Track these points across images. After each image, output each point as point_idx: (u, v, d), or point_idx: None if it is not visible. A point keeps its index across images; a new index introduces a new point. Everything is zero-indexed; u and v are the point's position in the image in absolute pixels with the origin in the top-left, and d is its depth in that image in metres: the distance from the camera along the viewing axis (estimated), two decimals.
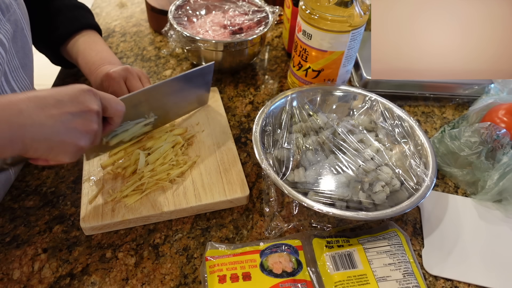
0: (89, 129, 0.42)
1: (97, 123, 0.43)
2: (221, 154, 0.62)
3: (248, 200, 0.58)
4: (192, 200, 0.55)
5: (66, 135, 0.40)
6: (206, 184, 0.57)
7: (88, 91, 0.42)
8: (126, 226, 0.53)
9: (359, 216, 0.48)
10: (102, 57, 0.64)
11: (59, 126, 0.40)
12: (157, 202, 0.54)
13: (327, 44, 0.64)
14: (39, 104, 0.39)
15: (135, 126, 0.57)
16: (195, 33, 0.75)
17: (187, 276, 0.50)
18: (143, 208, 0.53)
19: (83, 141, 0.42)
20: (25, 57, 0.56)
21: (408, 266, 0.49)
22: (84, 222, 0.51)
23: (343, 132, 0.60)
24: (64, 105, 0.40)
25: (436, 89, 0.78)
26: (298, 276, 0.48)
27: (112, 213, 0.52)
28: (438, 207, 0.60)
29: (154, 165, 0.58)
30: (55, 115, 0.39)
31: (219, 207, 0.56)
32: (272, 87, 0.80)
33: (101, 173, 0.58)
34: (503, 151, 0.58)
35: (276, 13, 0.81)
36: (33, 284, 0.48)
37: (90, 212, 0.52)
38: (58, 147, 0.41)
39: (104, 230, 0.53)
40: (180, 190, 0.56)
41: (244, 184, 0.57)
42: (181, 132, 0.64)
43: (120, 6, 1.03)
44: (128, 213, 0.53)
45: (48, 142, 0.40)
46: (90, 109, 0.42)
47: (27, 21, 0.57)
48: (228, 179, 0.58)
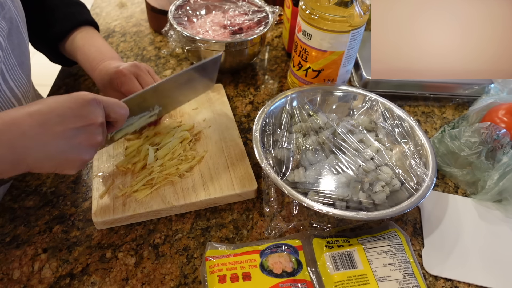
0: (94, 142, 0.41)
1: (101, 134, 0.42)
2: (228, 149, 0.63)
3: (256, 194, 0.59)
4: (201, 194, 0.56)
5: (70, 152, 0.39)
6: (215, 178, 0.58)
7: (91, 102, 0.40)
8: (136, 220, 0.54)
9: (359, 216, 0.48)
10: (102, 52, 0.63)
11: (63, 144, 0.38)
12: (167, 196, 0.55)
13: (327, 44, 0.64)
14: (41, 122, 0.37)
15: (139, 120, 0.56)
16: (195, 33, 0.75)
17: (187, 276, 0.50)
18: (153, 202, 0.54)
19: (88, 155, 0.41)
20: (22, 55, 0.56)
21: (408, 266, 0.49)
22: (96, 216, 0.52)
23: (343, 132, 0.60)
24: (67, 121, 0.39)
25: (436, 89, 0.78)
26: (298, 276, 0.48)
27: (123, 207, 0.53)
28: (438, 207, 0.60)
29: (163, 160, 0.59)
30: (58, 133, 0.38)
31: (228, 200, 0.57)
32: (272, 87, 0.80)
33: (110, 168, 0.59)
34: (503, 151, 0.58)
35: (276, 13, 0.81)
36: (33, 284, 0.48)
37: (101, 207, 0.53)
38: (63, 164, 0.40)
39: (115, 224, 0.54)
40: (189, 184, 0.57)
41: (252, 178, 0.59)
42: (188, 128, 0.66)
43: (120, 6, 1.03)
44: (139, 207, 0.54)
45: (53, 161, 0.39)
46: (94, 122, 0.40)
47: (23, 19, 0.56)
48: (236, 173, 0.59)
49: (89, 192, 0.58)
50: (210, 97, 0.73)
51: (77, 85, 0.76)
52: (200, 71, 0.61)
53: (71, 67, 0.77)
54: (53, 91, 0.75)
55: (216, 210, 0.57)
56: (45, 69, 1.07)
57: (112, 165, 0.59)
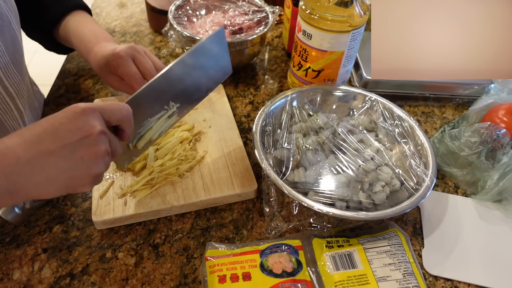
0: (97, 153, 0.37)
1: (104, 143, 0.38)
2: (228, 149, 0.63)
3: (256, 194, 0.59)
4: (201, 194, 0.56)
5: (74, 170, 0.36)
6: (215, 178, 0.58)
7: (83, 112, 0.37)
8: (136, 220, 0.54)
9: (359, 216, 0.48)
10: (97, 34, 0.62)
11: (63, 162, 0.35)
12: (167, 196, 0.55)
13: (327, 44, 0.64)
14: (35, 144, 0.35)
15: (158, 122, 0.52)
16: (195, 33, 0.75)
17: (187, 276, 0.50)
18: (153, 202, 0.54)
19: (97, 168, 0.38)
20: (16, 53, 0.55)
21: (408, 266, 0.49)
22: (96, 216, 0.52)
23: (343, 132, 0.60)
24: (61, 137, 0.35)
25: (436, 89, 0.78)
26: (298, 276, 0.48)
27: (123, 207, 0.53)
28: (438, 207, 0.60)
29: (163, 160, 0.59)
30: (54, 152, 0.35)
31: (228, 200, 0.57)
32: (272, 87, 0.80)
33: (110, 168, 0.58)
34: (503, 151, 0.58)
35: (276, 13, 0.81)
36: (33, 284, 0.48)
37: (101, 207, 0.53)
38: (72, 183, 0.37)
39: (115, 224, 0.53)
40: (189, 184, 0.57)
41: (252, 178, 0.59)
42: (188, 128, 0.66)
43: (120, 6, 1.03)
44: (139, 207, 0.54)
45: (57, 182, 0.36)
46: (90, 132, 0.37)
47: (15, 15, 0.56)
48: (236, 173, 0.59)
49: (89, 192, 0.58)
50: (210, 97, 0.73)
51: (77, 85, 0.76)
52: (207, 50, 0.56)
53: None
54: (53, 91, 0.75)
55: (216, 210, 0.57)
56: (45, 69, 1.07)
57: (112, 165, 0.59)
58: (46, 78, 0.99)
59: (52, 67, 0.78)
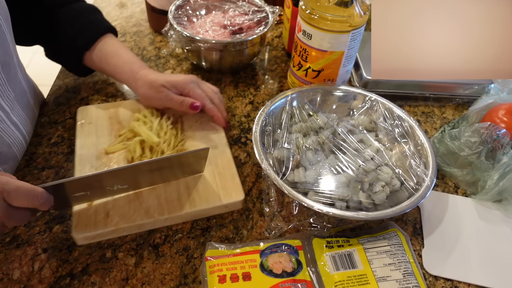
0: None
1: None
2: (215, 158, 0.61)
3: (243, 204, 0.57)
4: (186, 206, 0.54)
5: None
6: (201, 189, 0.56)
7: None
8: (119, 235, 0.52)
9: (359, 216, 0.48)
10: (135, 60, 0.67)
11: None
12: (150, 209, 0.53)
13: (327, 44, 0.64)
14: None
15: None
16: (195, 33, 0.75)
17: (187, 276, 0.50)
18: (137, 215, 0.52)
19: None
20: (5, 55, 0.55)
21: (408, 266, 0.49)
22: (77, 231, 0.50)
23: (343, 132, 0.60)
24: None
25: (436, 89, 0.78)
26: (298, 276, 0.48)
27: (105, 220, 0.51)
28: (438, 207, 0.60)
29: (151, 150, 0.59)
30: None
31: (215, 212, 0.56)
32: (272, 87, 0.80)
33: None
34: (503, 151, 0.58)
35: (276, 13, 0.81)
36: (33, 284, 0.48)
37: (83, 221, 0.51)
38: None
39: (96, 239, 0.52)
40: (173, 196, 0.55)
41: (239, 188, 0.56)
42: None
43: (120, 6, 1.03)
44: (122, 221, 0.52)
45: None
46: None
47: (5, 18, 0.55)
48: (223, 183, 0.57)
49: None
50: None
51: (77, 85, 0.76)
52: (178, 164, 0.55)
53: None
54: (53, 91, 0.75)
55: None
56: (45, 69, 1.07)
57: None
58: (46, 78, 0.99)
59: (52, 67, 0.77)
